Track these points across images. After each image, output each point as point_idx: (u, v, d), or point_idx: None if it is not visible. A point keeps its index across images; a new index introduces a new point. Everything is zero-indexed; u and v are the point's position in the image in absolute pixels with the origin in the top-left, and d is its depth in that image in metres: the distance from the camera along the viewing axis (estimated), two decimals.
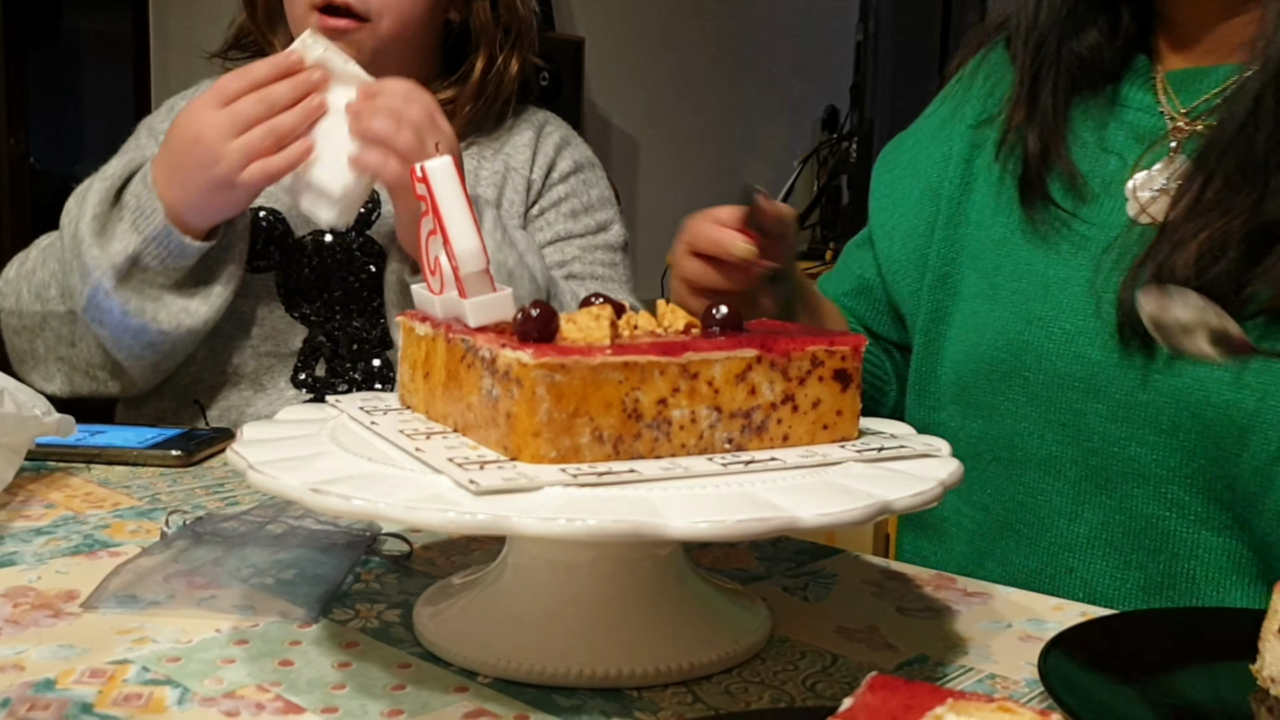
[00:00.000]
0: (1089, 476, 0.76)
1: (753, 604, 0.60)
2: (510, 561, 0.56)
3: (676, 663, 0.52)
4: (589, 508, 0.45)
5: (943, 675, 0.54)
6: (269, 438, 0.56)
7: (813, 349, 0.55)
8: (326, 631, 0.56)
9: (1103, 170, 0.80)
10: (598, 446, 0.51)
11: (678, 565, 0.56)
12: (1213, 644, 0.57)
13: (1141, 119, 0.80)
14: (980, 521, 0.82)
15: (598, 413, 0.50)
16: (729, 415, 0.53)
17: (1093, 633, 0.55)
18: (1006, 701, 0.35)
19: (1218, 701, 0.51)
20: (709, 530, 0.44)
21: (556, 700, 0.50)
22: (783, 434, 0.55)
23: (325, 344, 1.09)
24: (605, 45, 3.70)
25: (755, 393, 0.54)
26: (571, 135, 1.22)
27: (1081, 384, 0.76)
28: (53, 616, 0.57)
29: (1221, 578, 0.73)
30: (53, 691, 0.49)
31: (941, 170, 0.89)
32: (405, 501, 0.45)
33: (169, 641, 0.55)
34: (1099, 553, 0.76)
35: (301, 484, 0.47)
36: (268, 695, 0.49)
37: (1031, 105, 0.82)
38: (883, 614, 0.61)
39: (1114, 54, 0.81)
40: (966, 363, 0.83)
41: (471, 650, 0.53)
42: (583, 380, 0.50)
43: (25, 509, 0.75)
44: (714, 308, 0.57)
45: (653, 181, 3.99)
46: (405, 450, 0.53)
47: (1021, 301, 0.80)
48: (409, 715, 0.48)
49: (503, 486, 0.47)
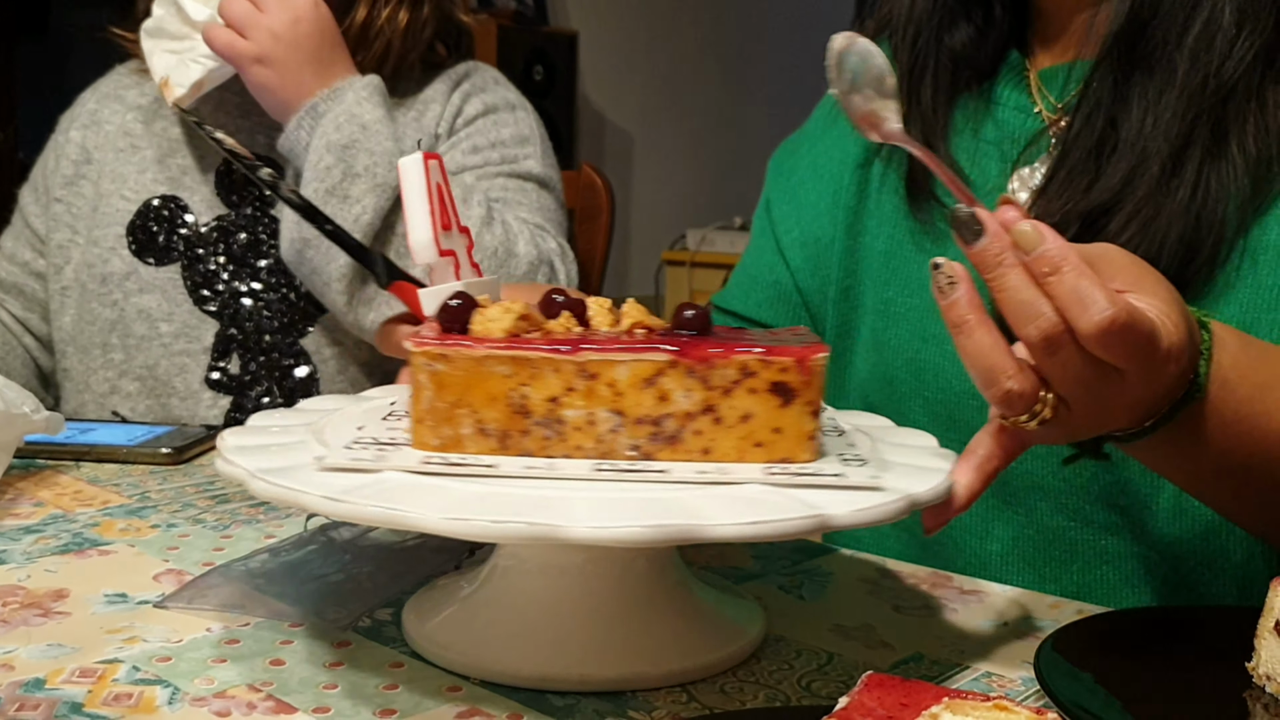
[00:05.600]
0: (995, 493, 0.76)
1: (748, 604, 0.59)
2: (499, 564, 0.56)
3: (670, 665, 0.52)
4: (398, 495, 0.45)
5: (939, 674, 0.54)
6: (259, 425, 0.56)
7: (742, 358, 0.50)
8: (318, 631, 0.56)
9: (984, 171, 0.78)
10: (481, 439, 0.50)
11: (672, 566, 0.56)
12: (1208, 642, 0.56)
13: (1016, 118, 0.78)
14: (905, 542, 0.82)
15: (481, 405, 0.50)
16: (634, 421, 0.50)
17: (1088, 631, 0.55)
18: (1002, 700, 0.35)
19: (1213, 699, 0.50)
20: (450, 526, 0.43)
21: (550, 700, 0.49)
22: (702, 446, 0.50)
23: (236, 336, 1.06)
24: (599, 39, 3.70)
25: (667, 400, 0.50)
26: (491, 81, 1.16)
27: (976, 401, 0.75)
28: (42, 615, 0.57)
29: (1135, 582, 0.73)
30: (42, 691, 0.49)
31: (839, 175, 0.86)
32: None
33: (159, 641, 0.54)
34: (1014, 569, 0.76)
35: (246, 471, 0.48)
36: (259, 695, 0.49)
37: (912, 101, 0.80)
38: (878, 612, 0.61)
39: (988, 50, 0.79)
40: (870, 381, 0.82)
41: (458, 654, 0.52)
42: (465, 371, 0.50)
43: (14, 507, 0.74)
44: (685, 308, 0.54)
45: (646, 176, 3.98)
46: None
47: (916, 318, 0.79)
48: (401, 715, 0.48)
49: (348, 465, 0.49)
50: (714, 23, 4.10)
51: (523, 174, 1.12)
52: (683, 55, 4.01)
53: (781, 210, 0.90)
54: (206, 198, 1.08)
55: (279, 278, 1.06)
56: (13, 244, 1.15)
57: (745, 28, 4.17)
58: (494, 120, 1.13)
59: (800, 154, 0.91)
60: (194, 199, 1.08)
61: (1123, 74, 0.69)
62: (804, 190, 0.89)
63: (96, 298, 1.07)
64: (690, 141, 4.08)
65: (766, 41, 4.20)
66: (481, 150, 1.11)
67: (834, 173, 0.87)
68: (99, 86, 1.18)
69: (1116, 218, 0.67)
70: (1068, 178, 0.70)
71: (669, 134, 4.02)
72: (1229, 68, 0.66)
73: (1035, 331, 0.48)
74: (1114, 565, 0.73)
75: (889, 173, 0.83)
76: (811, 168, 0.89)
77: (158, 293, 1.06)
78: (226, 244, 1.07)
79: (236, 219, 1.07)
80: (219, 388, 1.06)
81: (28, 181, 1.17)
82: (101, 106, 1.15)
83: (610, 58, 3.78)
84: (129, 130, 1.12)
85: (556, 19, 3.65)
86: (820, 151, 0.89)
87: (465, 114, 1.13)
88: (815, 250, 0.87)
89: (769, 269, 0.90)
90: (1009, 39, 0.80)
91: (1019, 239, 0.48)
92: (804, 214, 0.88)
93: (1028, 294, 0.48)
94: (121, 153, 1.11)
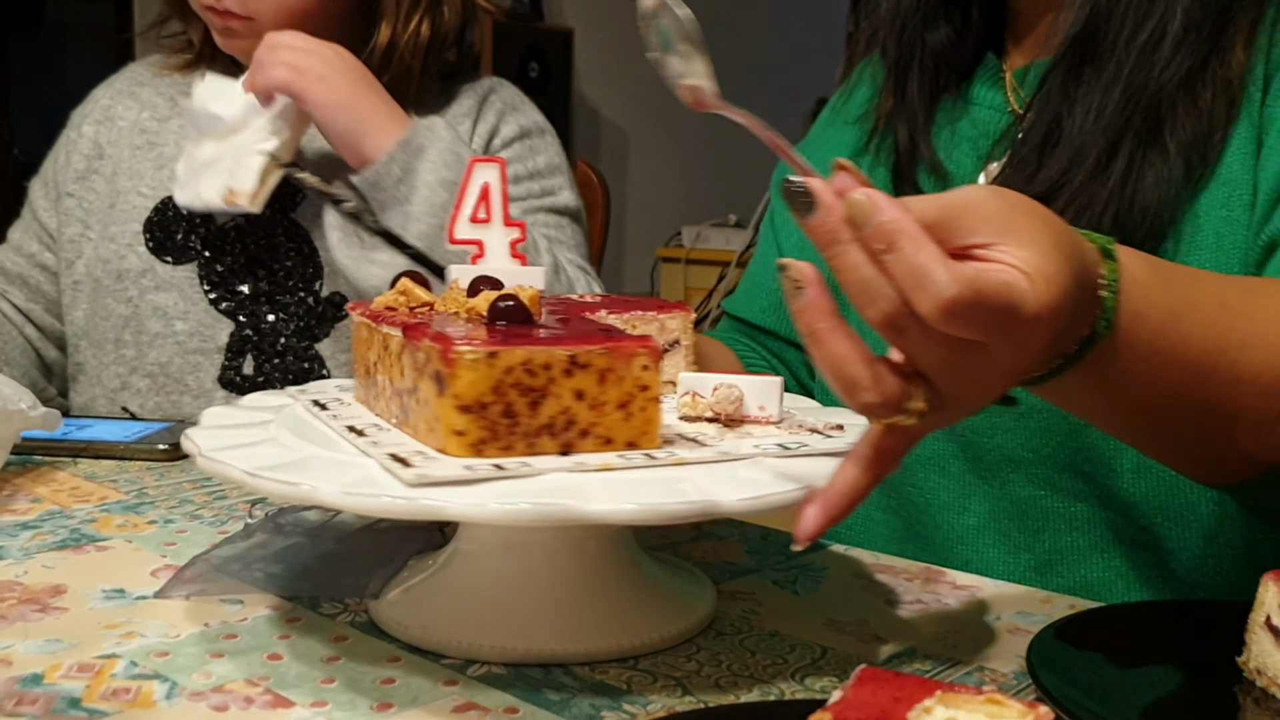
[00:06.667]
0: (971, 469, 0.77)
1: (699, 579, 0.62)
2: (460, 548, 0.58)
3: (622, 640, 0.54)
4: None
5: (932, 668, 0.54)
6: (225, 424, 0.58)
7: (428, 344, 0.51)
8: (315, 625, 0.56)
9: (956, 166, 0.80)
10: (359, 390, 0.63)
11: (624, 546, 0.58)
12: (1199, 636, 0.57)
13: (990, 117, 0.80)
14: (892, 526, 0.83)
15: (359, 361, 0.62)
16: (395, 390, 0.56)
17: (1081, 625, 0.55)
18: (995, 694, 0.35)
19: (1205, 693, 0.51)
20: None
21: (546, 695, 0.50)
22: (413, 424, 0.54)
23: (252, 338, 1.06)
24: (595, 36, 3.70)
25: (404, 375, 0.55)
26: (519, 100, 1.17)
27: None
28: (40, 611, 0.57)
29: (1104, 546, 0.74)
30: (40, 686, 0.49)
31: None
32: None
33: (157, 636, 0.54)
34: (989, 540, 0.77)
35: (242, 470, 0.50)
36: (257, 689, 0.49)
37: (899, 95, 0.82)
38: (872, 607, 0.62)
39: (966, 51, 0.82)
40: None
41: (420, 630, 0.54)
42: (360, 333, 0.62)
43: (11, 503, 0.74)
44: (502, 298, 0.56)
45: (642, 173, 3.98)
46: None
47: None
48: (399, 708, 0.48)
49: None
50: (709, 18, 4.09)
51: (560, 208, 1.13)
52: None
53: (784, 217, 0.92)
54: None
55: (296, 281, 1.06)
56: (20, 236, 1.16)
57: (740, 23, 4.17)
58: (529, 146, 1.14)
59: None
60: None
61: (1073, 73, 0.72)
62: None
63: (111, 293, 1.07)
64: (685, 139, 4.08)
65: (763, 38, 4.20)
66: (521, 181, 1.11)
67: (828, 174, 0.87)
68: (113, 83, 1.18)
69: (1053, 206, 0.68)
70: (1015, 169, 0.73)
71: (664, 131, 4.02)
72: (1170, 71, 0.69)
73: (877, 314, 0.43)
74: (1083, 532, 0.74)
75: (877, 167, 0.84)
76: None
77: (174, 290, 1.06)
78: (244, 245, 1.06)
79: (256, 220, 1.06)
80: (232, 387, 1.06)
81: (38, 175, 1.17)
82: (115, 103, 1.15)
83: (606, 55, 3.78)
84: (144, 127, 1.12)
85: (552, 16, 3.65)
86: (816, 158, 0.89)
87: (503, 134, 1.12)
88: (815, 256, 0.87)
89: (772, 276, 0.92)
90: (986, 42, 0.83)
91: (852, 210, 0.43)
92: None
93: (866, 272, 0.43)
94: (138, 149, 1.11)
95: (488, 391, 0.49)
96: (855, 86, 0.92)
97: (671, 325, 0.66)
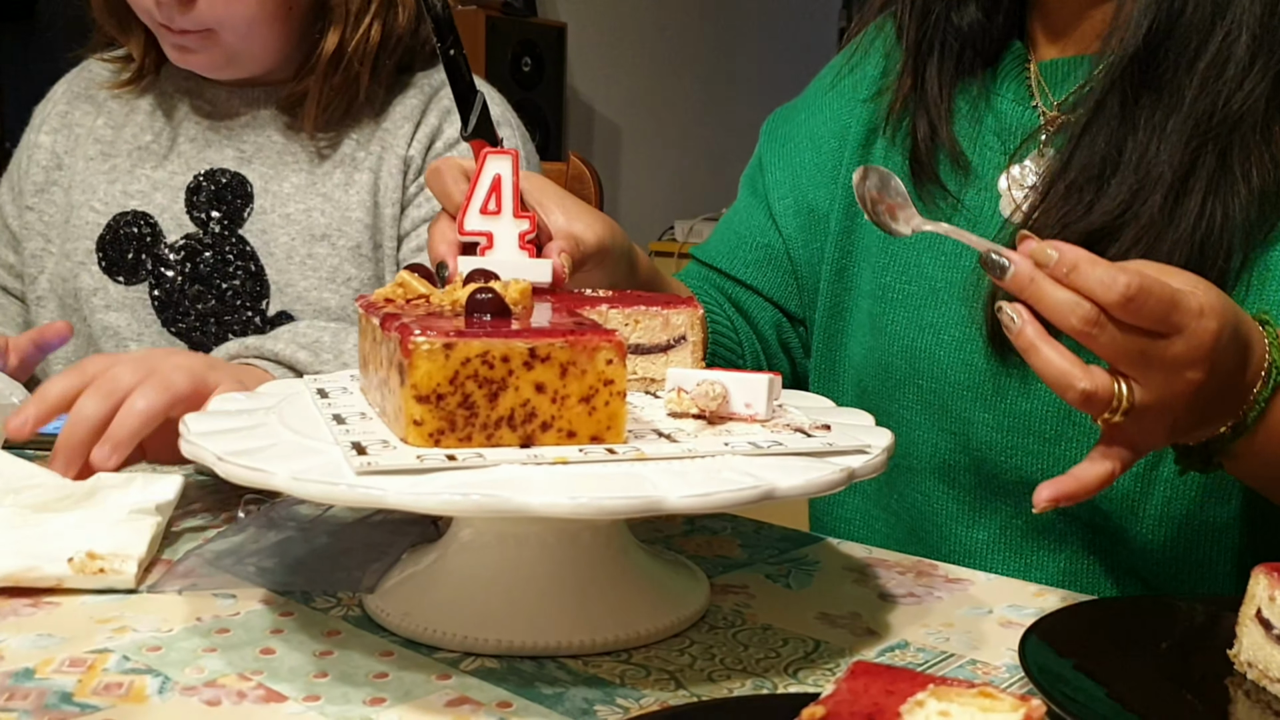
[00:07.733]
0: (983, 484, 0.76)
1: (692, 572, 0.62)
2: (454, 542, 0.58)
3: (616, 633, 0.54)
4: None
5: (924, 661, 0.54)
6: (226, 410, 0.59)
7: (396, 336, 0.52)
8: (308, 619, 0.56)
9: (979, 161, 0.78)
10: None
11: (618, 538, 0.58)
12: (1191, 629, 0.57)
13: (1014, 110, 0.78)
14: (893, 525, 0.82)
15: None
16: (379, 380, 0.57)
17: (1073, 619, 0.55)
18: (987, 687, 0.35)
19: (1196, 685, 0.51)
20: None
21: (540, 688, 0.50)
22: (388, 414, 0.55)
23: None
24: (588, 31, 3.69)
25: (382, 365, 0.56)
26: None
27: (970, 393, 0.76)
28: (32, 605, 0.57)
29: (1119, 575, 0.74)
30: (32, 681, 0.49)
31: (839, 150, 0.86)
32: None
33: (149, 630, 0.54)
34: (1000, 557, 0.76)
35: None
36: (249, 684, 0.49)
37: (918, 78, 0.80)
38: (865, 600, 0.62)
39: (992, 35, 0.79)
40: (865, 366, 0.82)
41: (413, 624, 0.54)
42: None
43: None
44: (480, 290, 0.56)
45: (634, 167, 3.98)
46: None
47: (913, 306, 0.79)
48: (391, 703, 0.48)
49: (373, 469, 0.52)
50: (702, 14, 4.09)
51: None
52: (671, 47, 4.00)
53: (775, 175, 0.89)
54: (176, 215, 1.05)
55: (244, 299, 1.04)
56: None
57: (733, 19, 4.16)
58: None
59: (797, 121, 0.90)
60: (164, 216, 1.05)
61: (1132, 96, 0.69)
62: (800, 156, 0.88)
63: (72, 311, 1.05)
64: (678, 133, 4.08)
65: (755, 33, 4.20)
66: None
67: (833, 146, 0.86)
68: (72, 82, 1.14)
69: (1119, 241, 0.67)
70: (1066, 193, 0.70)
71: (657, 126, 4.01)
72: (1238, 99, 0.66)
73: (1077, 321, 0.52)
74: (1101, 559, 0.74)
75: (892, 153, 0.82)
76: (809, 135, 0.88)
77: (126, 311, 1.03)
78: (193, 263, 1.04)
79: (204, 238, 1.04)
80: None
81: (5, 178, 1.14)
82: (73, 108, 1.12)
83: (598, 49, 3.77)
84: (99, 137, 1.09)
85: (545, 11, 3.65)
86: (819, 121, 0.88)
87: (446, 136, 1.07)
88: (810, 220, 0.87)
89: (759, 230, 0.89)
90: (1013, 28, 0.80)
91: (1038, 257, 0.54)
92: (800, 180, 0.87)
93: (1060, 294, 0.53)
94: (92, 161, 1.08)
95: (444, 383, 0.50)
96: (863, 59, 0.88)
97: (676, 320, 0.65)
